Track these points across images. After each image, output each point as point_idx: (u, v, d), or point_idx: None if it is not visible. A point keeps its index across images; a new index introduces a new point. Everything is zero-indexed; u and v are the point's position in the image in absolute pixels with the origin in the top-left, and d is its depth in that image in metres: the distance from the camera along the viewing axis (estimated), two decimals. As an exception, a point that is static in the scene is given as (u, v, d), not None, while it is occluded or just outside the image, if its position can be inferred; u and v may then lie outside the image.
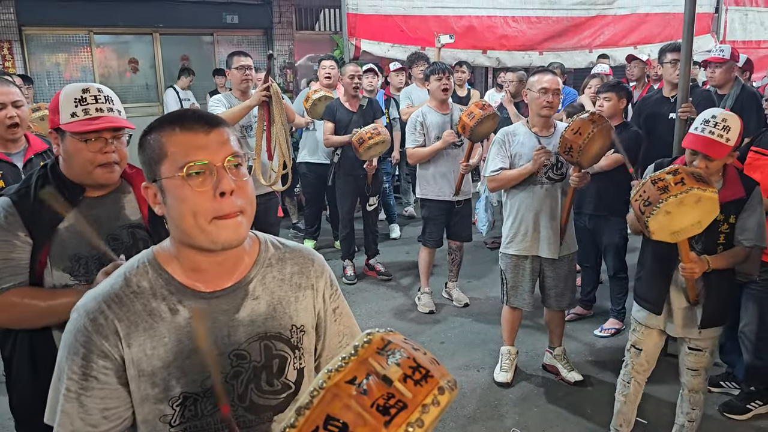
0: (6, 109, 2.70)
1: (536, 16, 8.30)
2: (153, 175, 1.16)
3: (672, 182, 2.27)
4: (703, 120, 2.56)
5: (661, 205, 2.25)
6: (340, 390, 0.83)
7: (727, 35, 9.85)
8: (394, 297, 5.07)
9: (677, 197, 2.24)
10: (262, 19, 9.92)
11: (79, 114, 1.75)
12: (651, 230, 2.34)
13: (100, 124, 1.75)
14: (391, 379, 0.83)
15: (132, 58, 9.44)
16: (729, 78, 4.44)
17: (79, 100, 1.76)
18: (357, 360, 0.86)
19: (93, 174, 1.78)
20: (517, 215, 3.53)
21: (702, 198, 2.25)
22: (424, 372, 0.85)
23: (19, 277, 1.75)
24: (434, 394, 0.84)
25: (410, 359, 0.86)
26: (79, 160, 1.76)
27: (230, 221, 1.13)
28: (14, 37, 8.43)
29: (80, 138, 1.75)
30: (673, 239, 2.40)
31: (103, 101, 1.78)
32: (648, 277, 2.77)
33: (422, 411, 0.82)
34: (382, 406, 0.81)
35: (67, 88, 1.80)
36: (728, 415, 3.30)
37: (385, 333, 0.92)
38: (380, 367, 0.85)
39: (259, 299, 1.24)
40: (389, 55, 7.39)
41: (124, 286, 1.18)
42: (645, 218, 2.32)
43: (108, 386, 1.15)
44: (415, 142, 4.52)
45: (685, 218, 2.31)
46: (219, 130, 1.16)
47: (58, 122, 1.77)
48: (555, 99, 3.39)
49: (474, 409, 3.41)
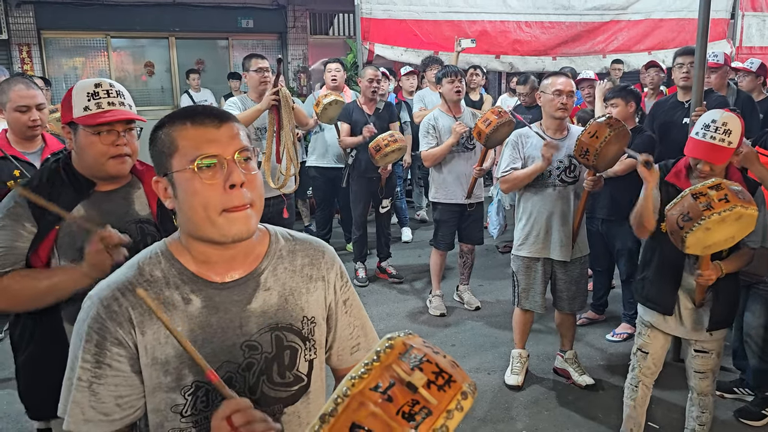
0: (30, 111, 2.81)
1: (549, 21, 8.27)
2: (164, 168, 1.18)
3: (715, 198, 2.22)
4: (704, 125, 2.53)
5: (702, 222, 2.21)
6: (365, 397, 0.83)
7: (744, 41, 9.75)
8: (406, 300, 5.08)
9: (720, 215, 2.20)
10: (277, 24, 10.00)
11: (92, 107, 1.79)
12: (687, 245, 2.32)
13: (112, 116, 1.79)
14: (416, 386, 0.84)
15: (148, 61, 9.56)
16: (723, 83, 4.67)
17: (92, 94, 1.80)
18: (380, 366, 0.86)
19: (105, 166, 1.81)
20: (530, 217, 3.54)
21: (743, 216, 2.23)
22: (447, 377, 0.86)
23: (19, 264, 1.79)
24: (458, 399, 0.84)
25: (432, 364, 0.87)
26: (92, 152, 1.80)
27: (240, 213, 1.15)
28: (33, 41, 8.57)
29: (93, 130, 1.79)
30: (704, 252, 2.39)
31: (114, 95, 1.83)
32: (656, 279, 2.75)
33: (447, 417, 0.82)
34: (407, 413, 0.81)
35: (79, 84, 1.85)
36: (744, 420, 3.27)
37: (406, 337, 0.92)
38: (404, 373, 0.85)
39: (271, 290, 1.26)
40: (402, 59, 7.40)
41: (138, 275, 1.20)
42: (684, 234, 2.28)
43: (122, 373, 1.17)
44: (428, 145, 4.53)
45: (722, 234, 2.29)
46: (229, 125, 1.18)
47: (71, 116, 1.81)
48: (569, 101, 3.39)
49: (485, 412, 3.41)
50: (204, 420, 1.21)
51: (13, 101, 2.79)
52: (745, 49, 9.52)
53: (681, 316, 2.70)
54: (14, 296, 1.77)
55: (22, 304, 1.82)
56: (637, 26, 8.85)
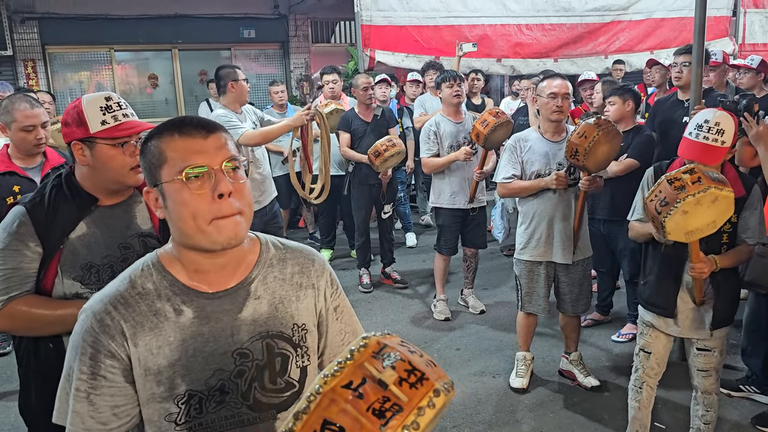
0: (36, 130, 2.85)
1: (550, 23, 8.27)
2: (154, 179, 1.20)
3: (689, 181, 2.26)
4: (697, 125, 2.55)
5: (678, 205, 2.24)
6: (337, 395, 0.84)
7: (747, 38, 9.70)
8: (410, 305, 5.08)
9: (695, 197, 2.22)
10: (279, 33, 10.07)
11: (110, 121, 1.81)
12: (667, 230, 2.33)
13: (134, 127, 1.83)
14: (387, 383, 0.85)
15: (152, 73, 9.65)
16: (722, 81, 4.71)
17: (105, 108, 1.82)
18: (353, 364, 0.87)
19: (126, 177, 1.84)
20: (531, 221, 3.54)
21: (719, 197, 2.24)
22: (420, 375, 0.87)
23: (25, 286, 1.78)
24: (430, 397, 0.85)
25: (406, 362, 0.88)
26: (113, 165, 1.82)
27: (229, 221, 1.16)
28: (38, 56, 8.67)
29: (114, 143, 1.81)
30: (687, 239, 2.39)
31: (124, 107, 1.86)
32: (656, 281, 2.74)
33: (418, 414, 0.83)
34: (377, 409, 0.82)
35: (86, 99, 1.85)
36: (761, 428, 3.20)
37: (382, 336, 0.93)
38: (376, 371, 0.86)
39: (261, 299, 1.27)
40: (403, 65, 7.42)
41: (130, 288, 1.22)
42: (662, 218, 2.31)
43: (116, 384, 1.19)
44: (429, 152, 4.54)
45: (701, 218, 2.30)
46: (216, 135, 1.20)
47: (86, 132, 1.80)
48: (565, 103, 3.39)
49: (490, 415, 3.40)
50: (198, 426, 1.22)
51: (18, 122, 2.83)
52: (748, 46, 9.47)
53: (682, 315, 2.69)
54: (24, 323, 1.78)
55: (31, 330, 1.84)
56: (639, 26, 8.84)
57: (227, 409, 1.24)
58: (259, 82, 9.95)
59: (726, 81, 4.83)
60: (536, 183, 3.44)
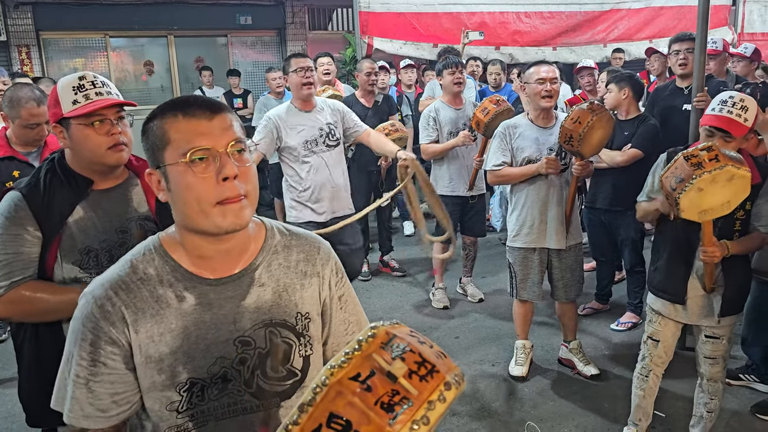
0: (39, 128, 2.84)
1: (549, 11, 8.24)
2: (156, 161, 1.16)
3: (706, 158, 2.24)
4: (721, 101, 2.54)
5: (694, 182, 2.22)
6: (344, 387, 0.80)
7: (746, 27, 9.69)
8: (409, 293, 5.07)
9: (711, 173, 2.21)
10: (276, 20, 9.97)
11: (81, 100, 1.75)
12: (681, 207, 2.30)
13: (103, 103, 1.76)
14: (396, 376, 0.81)
15: (147, 60, 9.54)
16: (722, 69, 4.71)
17: (78, 87, 1.77)
18: (361, 356, 0.83)
19: (104, 157, 1.78)
20: (523, 208, 3.52)
21: (735, 176, 2.23)
22: (430, 367, 0.83)
23: (28, 270, 1.75)
24: (440, 390, 0.81)
25: (415, 354, 0.84)
26: (88, 145, 1.76)
27: (234, 205, 1.13)
28: (32, 42, 8.56)
29: (86, 122, 1.75)
30: (701, 219, 2.37)
31: (100, 86, 1.79)
32: (666, 266, 2.72)
33: (428, 408, 0.79)
34: (386, 403, 0.79)
35: (62, 80, 1.81)
36: (760, 416, 3.20)
37: (390, 326, 0.89)
38: (384, 362, 0.82)
39: (265, 286, 1.25)
40: (401, 52, 7.38)
41: (131, 273, 1.18)
42: (677, 195, 2.29)
43: (116, 371, 1.16)
44: (428, 138, 4.51)
45: (716, 197, 2.28)
46: (222, 116, 1.16)
47: (61, 113, 1.77)
48: (553, 87, 3.36)
49: (489, 403, 3.39)
50: (200, 414, 1.21)
51: (23, 119, 2.81)
52: (746, 35, 9.46)
53: (692, 302, 2.67)
54: (26, 308, 1.76)
55: (32, 316, 1.82)
56: (638, 15, 8.81)
57: (230, 397, 1.22)
58: (255, 70, 9.87)
59: (726, 69, 4.84)
60: (527, 169, 3.42)
